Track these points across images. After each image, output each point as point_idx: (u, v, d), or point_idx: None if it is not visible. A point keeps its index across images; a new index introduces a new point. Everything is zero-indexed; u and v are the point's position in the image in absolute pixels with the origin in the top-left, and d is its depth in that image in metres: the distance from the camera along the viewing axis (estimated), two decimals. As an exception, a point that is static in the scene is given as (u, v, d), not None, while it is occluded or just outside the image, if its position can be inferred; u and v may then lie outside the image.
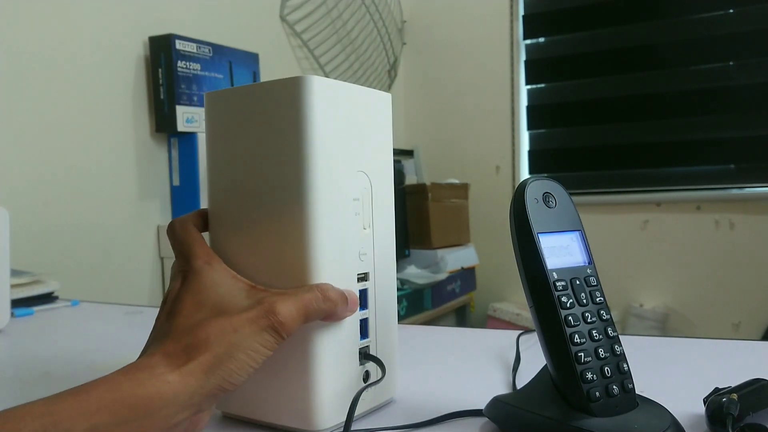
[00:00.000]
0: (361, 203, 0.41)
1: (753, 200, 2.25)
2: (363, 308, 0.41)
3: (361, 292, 0.41)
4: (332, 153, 0.39)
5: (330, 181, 0.38)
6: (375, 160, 0.42)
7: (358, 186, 0.41)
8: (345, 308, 0.39)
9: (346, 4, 2.39)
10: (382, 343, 0.43)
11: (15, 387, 0.55)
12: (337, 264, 0.39)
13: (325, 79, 0.39)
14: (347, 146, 0.40)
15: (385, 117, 0.44)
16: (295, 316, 0.36)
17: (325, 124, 0.38)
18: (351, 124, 0.40)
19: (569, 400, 0.36)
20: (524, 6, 2.64)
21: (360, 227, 0.41)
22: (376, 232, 0.42)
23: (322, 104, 0.38)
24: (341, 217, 0.39)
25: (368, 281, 0.42)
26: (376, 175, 0.42)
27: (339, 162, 0.39)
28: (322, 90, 0.38)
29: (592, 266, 0.38)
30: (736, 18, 2.27)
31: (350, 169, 0.40)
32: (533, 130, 2.66)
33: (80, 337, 0.74)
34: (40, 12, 1.36)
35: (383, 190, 0.43)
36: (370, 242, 0.42)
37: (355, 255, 0.41)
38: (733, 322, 2.26)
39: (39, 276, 1.00)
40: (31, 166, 1.35)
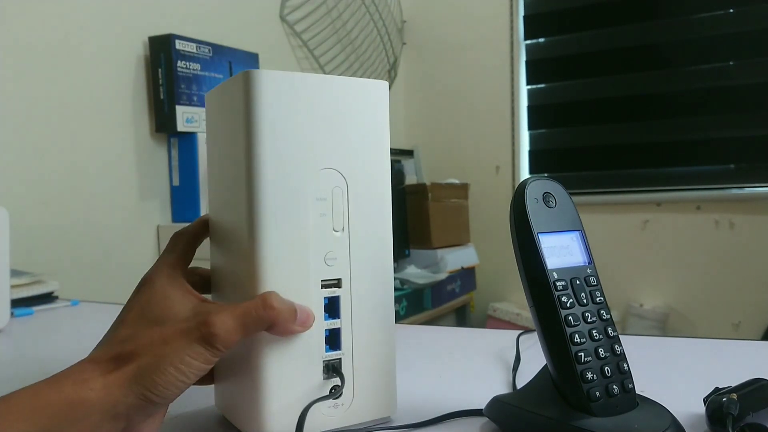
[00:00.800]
0: (329, 203, 0.38)
1: (753, 200, 2.25)
2: (333, 317, 0.38)
3: (331, 300, 0.38)
4: (285, 150, 0.36)
5: (281, 180, 0.36)
6: (355, 156, 0.39)
7: (324, 185, 0.38)
8: (291, 321, 0.36)
9: (346, 4, 2.39)
10: (364, 356, 0.39)
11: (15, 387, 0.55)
12: (290, 269, 0.36)
13: (281, 73, 0.36)
14: (310, 142, 0.37)
15: (375, 110, 0.40)
16: (231, 326, 0.34)
17: (276, 119, 0.36)
18: (317, 118, 0.37)
19: (569, 400, 0.36)
20: (524, 6, 2.63)
21: (327, 229, 0.38)
22: (354, 235, 0.39)
23: (272, 99, 0.36)
24: (297, 219, 0.37)
25: (341, 288, 0.39)
26: (355, 173, 0.39)
27: (296, 159, 0.37)
28: (272, 84, 0.36)
29: (592, 266, 0.38)
30: (736, 18, 2.27)
31: (312, 166, 0.37)
32: (533, 130, 2.66)
33: (80, 337, 0.74)
34: (40, 12, 1.36)
35: (367, 189, 0.39)
36: (343, 246, 0.38)
37: (319, 259, 0.38)
38: (733, 322, 2.26)
39: (39, 276, 1.00)
40: (31, 166, 1.35)
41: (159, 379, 0.32)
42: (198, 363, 0.33)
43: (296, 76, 0.37)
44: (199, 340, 0.33)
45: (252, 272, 0.36)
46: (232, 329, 0.34)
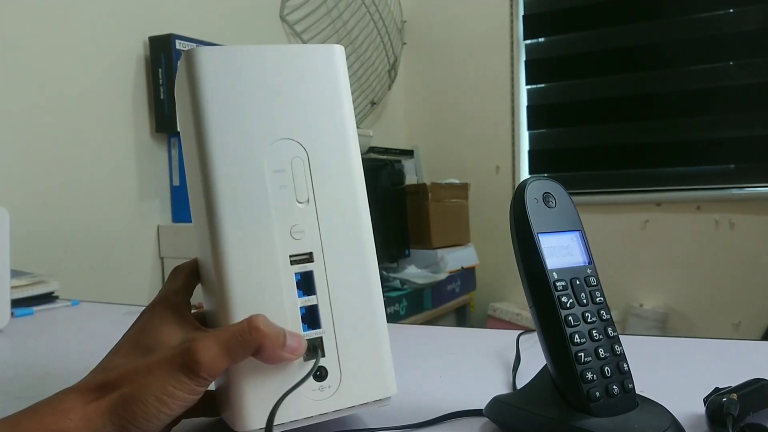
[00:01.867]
0: (289, 175, 0.36)
1: (753, 200, 2.25)
2: (308, 294, 0.36)
3: (304, 276, 0.36)
4: (234, 125, 0.35)
5: (232, 155, 0.35)
6: (314, 124, 0.37)
7: (281, 156, 0.36)
8: (279, 346, 0.33)
9: (346, 4, 2.39)
10: (347, 333, 0.37)
11: (15, 387, 0.55)
12: (254, 247, 0.35)
13: (219, 48, 0.36)
14: (258, 115, 0.36)
15: (329, 74, 0.38)
16: (215, 353, 0.32)
17: (219, 95, 0.35)
18: (263, 90, 0.36)
19: (569, 400, 0.36)
20: (524, 6, 2.63)
21: (290, 201, 0.36)
22: (321, 205, 0.37)
23: (214, 75, 0.35)
24: (254, 193, 0.35)
25: (313, 262, 0.36)
26: (316, 142, 0.37)
27: (246, 132, 0.35)
28: (213, 60, 0.35)
29: (592, 266, 0.38)
30: (736, 18, 2.27)
31: (265, 138, 0.36)
32: (533, 130, 2.66)
33: (80, 337, 0.74)
34: (40, 12, 1.36)
35: (331, 157, 0.38)
36: (310, 218, 0.37)
37: (284, 233, 0.36)
38: (733, 322, 2.26)
39: (39, 276, 1.00)
40: (31, 167, 1.35)
41: (139, 410, 0.31)
42: (182, 393, 0.32)
43: (239, 50, 0.36)
44: (182, 369, 0.32)
45: (216, 254, 0.34)
46: (216, 356, 0.32)
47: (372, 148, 2.17)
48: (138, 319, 0.37)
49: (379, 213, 2.14)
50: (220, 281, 0.35)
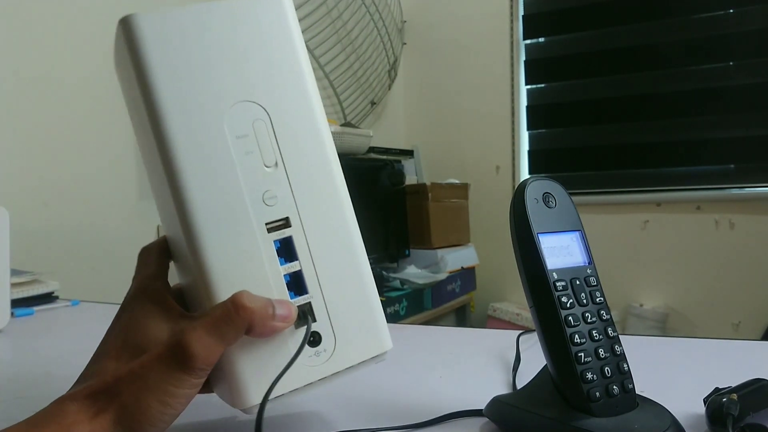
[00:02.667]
0: (254, 139, 0.34)
1: (753, 200, 2.25)
2: (291, 260, 0.35)
3: (283, 242, 0.35)
4: (184, 92, 0.33)
5: (188, 124, 0.33)
6: (270, 85, 0.35)
7: (241, 120, 0.34)
8: (269, 318, 0.32)
9: (346, 4, 2.39)
10: (335, 294, 0.36)
11: (15, 387, 0.55)
12: (226, 219, 0.33)
13: (159, 11, 0.33)
14: (210, 78, 0.34)
15: (279, 29, 0.36)
16: (208, 343, 0.31)
17: (164, 62, 0.33)
18: (215, 52, 0.34)
19: (569, 400, 0.36)
20: (524, 6, 2.63)
21: (257, 167, 0.34)
22: (292, 168, 0.35)
23: (156, 41, 0.32)
24: (218, 163, 0.33)
25: (291, 227, 0.35)
26: (275, 101, 0.35)
27: (198, 100, 0.33)
28: (152, 25, 0.32)
29: (592, 266, 0.38)
30: (736, 18, 2.27)
31: (220, 103, 0.34)
32: (533, 130, 2.66)
33: (80, 337, 0.74)
34: (40, 12, 1.36)
35: (295, 117, 0.35)
36: (281, 182, 0.35)
37: (257, 201, 0.34)
38: (733, 322, 2.26)
39: (39, 276, 1.00)
40: (32, 167, 1.35)
41: (143, 417, 0.30)
42: (183, 390, 0.31)
43: (180, 11, 0.33)
44: (177, 365, 0.31)
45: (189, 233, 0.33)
46: (209, 344, 0.31)
47: (372, 148, 2.17)
48: (120, 314, 0.36)
49: (379, 213, 2.14)
50: (196, 260, 0.33)
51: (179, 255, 0.37)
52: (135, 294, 0.36)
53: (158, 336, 0.33)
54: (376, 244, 2.12)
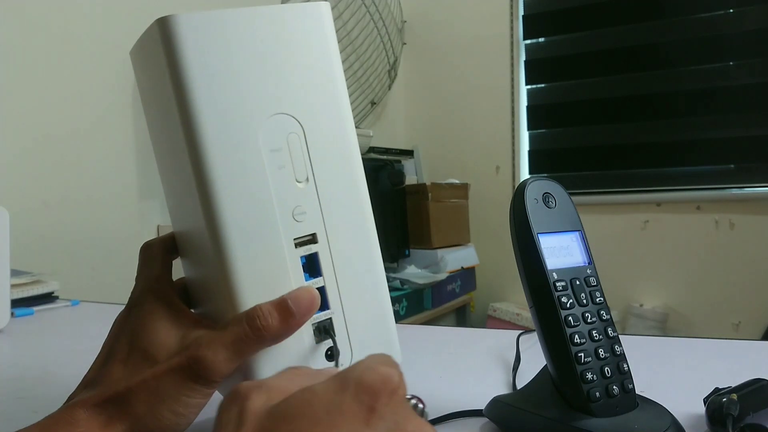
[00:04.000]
0: (286, 153, 0.34)
1: (753, 200, 2.25)
2: (315, 276, 0.35)
3: (308, 258, 0.34)
4: (223, 100, 0.32)
5: (225, 134, 0.32)
6: (307, 97, 0.34)
7: (277, 133, 0.33)
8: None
9: (346, 4, 2.39)
10: (355, 311, 0.36)
11: (15, 387, 0.55)
12: (254, 231, 0.33)
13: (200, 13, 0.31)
14: (250, 88, 0.33)
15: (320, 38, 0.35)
16: (225, 357, 0.31)
17: (204, 67, 0.31)
18: (255, 60, 0.33)
19: (569, 401, 0.36)
20: (524, 6, 2.63)
21: (289, 182, 0.34)
22: (322, 184, 0.35)
23: (196, 45, 0.31)
24: (252, 175, 0.32)
25: (317, 243, 0.35)
26: (311, 116, 0.34)
27: (237, 109, 0.32)
28: (194, 27, 0.31)
29: (592, 266, 0.38)
30: (736, 18, 2.27)
31: (259, 114, 0.33)
32: (533, 130, 2.66)
33: (80, 337, 0.74)
34: (40, 12, 1.36)
35: (327, 132, 0.35)
36: (311, 198, 0.34)
37: (287, 216, 0.33)
38: (733, 322, 2.26)
39: (39, 276, 1.00)
40: (32, 167, 1.35)
41: (156, 427, 0.30)
42: (196, 400, 0.31)
43: (221, 15, 0.32)
44: (192, 377, 0.31)
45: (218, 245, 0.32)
46: (228, 359, 0.31)
47: (372, 148, 2.17)
48: (126, 316, 0.35)
49: (379, 213, 2.13)
50: (223, 269, 0.32)
51: (195, 256, 0.36)
52: (141, 295, 0.35)
53: (167, 342, 0.33)
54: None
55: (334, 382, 0.24)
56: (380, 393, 0.24)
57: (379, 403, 0.24)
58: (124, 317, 0.35)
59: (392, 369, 0.25)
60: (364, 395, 0.24)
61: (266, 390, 0.26)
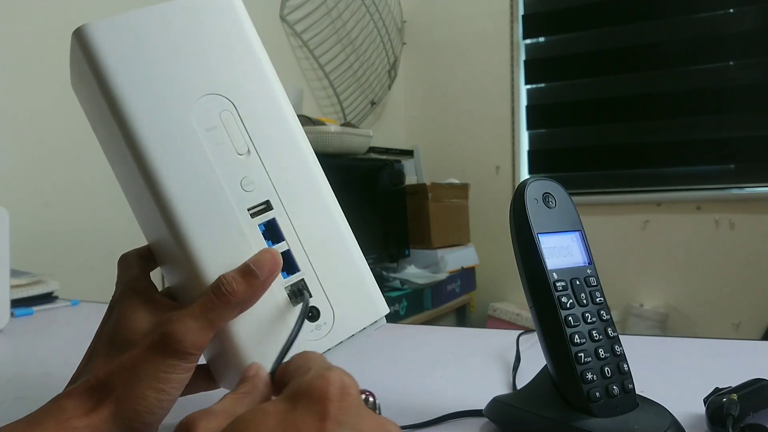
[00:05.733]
0: (222, 129, 0.35)
1: (753, 200, 2.25)
2: (278, 241, 0.36)
3: (267, 225, 0.36)
4: (147, 93, 0.33)
5: (158, 124, 0.33)
6: (233, 75, 0.36)
7: (208, 113, 0.35)
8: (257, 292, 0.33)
9: (346, 4, 2.39)
10: (327, 268, 0.37)
11: (15, 387, 0.55)
12: (206, 207, 0.34)
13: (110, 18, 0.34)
14: (172, 77, 0.34)
15: (231, 23, 0.37)
16: (196, 328, 0.32)
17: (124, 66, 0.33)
18: (172, 51, 0.35)
19: (569, 401, 0.36)
20: (524, 6, 2.63)
21: (231, 156, 0.35)
22: (264, 153, 0.36)
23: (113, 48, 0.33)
24: (192, 156, 0.34)
25: (273, 209, 0.36)
26: (237, 90, 0.36)
27: (163, 98, 0.34)
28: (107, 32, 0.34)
29: (592, 266, 0.38)
30: (736, 18, 2.27)
31: (186, 99, 0.35)
32: (533, 130, 2.66)
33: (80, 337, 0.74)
34: (40, 12, 1.36)
35: (260, 104, 0.37)
36: (256, 168, 0.36)
37: (235, 189, 0.35)
38: (733, 322, 2.26)
39: (39, 276, 1.00)
40: (31, 166, 1.35)
41: (140, 407, 0.31)
42: (175, 375, 0.32)
43: (131, 16, 0.35)
44: (167, 353, 0.31)
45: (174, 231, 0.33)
46: (199, 330, 0.32)
47: (372, 148, 2.17)
48: (108, 315, 0.36)
49: (379, 213, 2.14)
50: (184, 253, 0.34)
51: (167, 256, 0.37)
52: (121, 294, 0.36)
53: (145, 328, 0.33)
54: (376, 244, 2.12)
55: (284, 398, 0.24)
56: (330, 398, 0.24)
57: (331, 409, 0.24)
58: (105, 318, 0.37)
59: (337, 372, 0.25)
60: (314, 404, 0.24)
61: (213, 415, 0.27)
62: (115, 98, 0.33)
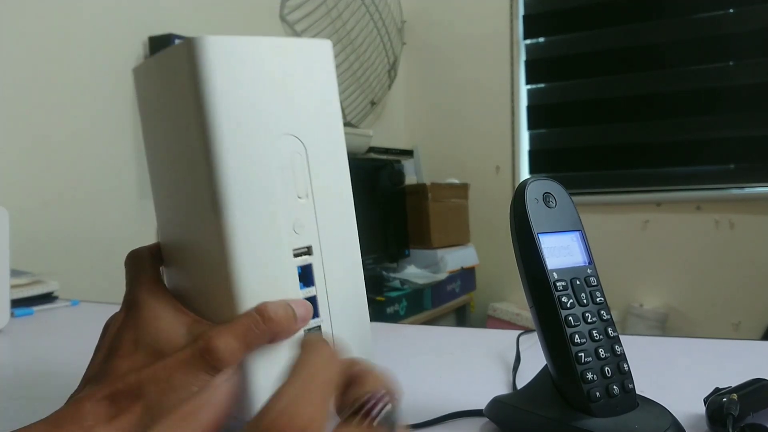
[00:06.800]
0: (291, 170, 0.37)
1: (753, 200, 2.25)
2: (308, 285, 0.37)
3: (303, 269, 0.37)
4: (241, 119, 0.35)
5: (241, 150, 0.34)
6: (310, 120, 0.38)
7: (284, 152, 0.36)
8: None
9: (346, 4, 2.39)
10: (342, 320, 0.39)
11: (15, 387, 0.55)
12: (259, 240, 0.35)
13: (226, 37, 0.34)
14: (264, 109, 0.36)
15: (322, 70, 0.39)
16: (235, 347, 0.32)
17: (228, 87, 0.34)
18: (269, 84, 0.36)
19: (569, 400, 0.36)
20: (524, 6, 2.64)
21: (291, 197, 0.37)
22: (318, 200, 0.38)
23: (223, 66, 0.34)
24: (261, 189, 0.35)
25: (312, 255, 0.37)
26: (312, 138, 0.38)
27: (252, 128, 0.35)
28: (222, 50, 0.34)
29: (592, 266, 0.38)
30: (736, 18, 2.27)
31: (271, 134, 0.36)
32: (533, 130, 2.66)
33: (80, 337, 0.74)
34: (40, 12, 1.36)
35: (325, 153, 0.38)
36: (309, 212, 0.37)
37: (287, 229, 0.36)
38: (733, 322, 2.26)
39: (39, 276, 1.00)
40: (32, 166, 1.35)
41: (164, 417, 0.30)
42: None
43: (243, 40, 0.35)
44: (204, 368, 0.31)
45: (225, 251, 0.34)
46: (237, 349, 0.32)
47: (372, 148, 2.17)
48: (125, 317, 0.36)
49: (379, 213, 2.14)
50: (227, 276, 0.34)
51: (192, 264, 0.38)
52: (140, 296, 0.36)
53: (173, 338, 0.33)
54: (376, 244, 2.12)
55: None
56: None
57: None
58: (123, 317, 0.36)
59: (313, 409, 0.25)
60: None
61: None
62: (210, 114, 0.34)
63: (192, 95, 0.34)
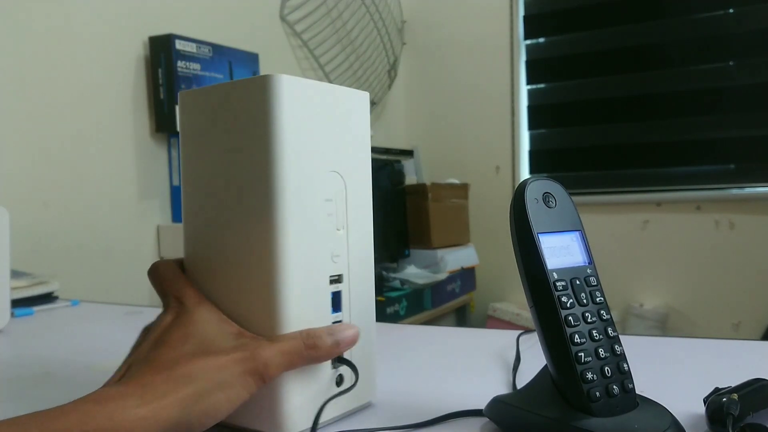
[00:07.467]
0: (334, 204, 0.41)
1: (753, 200, 2.25)
2: (337, 311, 0.41)
3: (335, 295, 0.41)
4: (302, 153, 0.38)
5: (300, 181, 0.38)
6: (349, 160, 0.42)
7: (330, 186, 0.40)
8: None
9: (346, 4, 2.39)
10: (359, 345, 0.42)
11: (15, 387, 0.55)
12: (306, 266, 0.39)
13: (296, 78, 0.38)
14: (319, 146, 0.39)
15: (361, 116, 0.43)
16: (279, 362, 0.35)
17: (295, 123, 0.38)
18: (323, 124, 0.40)
19: (569, 400, 0.36)
20: (524, 6, 2.64)
21: (332, 228, 0.41)
22: (351, 233, 0.42)
23: (292, 103, 0.37)
24: (312, 219, 0.39)
25: (342, 283, 0.41)
26: (350, 176, 0.42)
27: (310, 162, 0.39)
28: (292, 89, 0.37)
29: (592, 266, 0.38)
30: (736, 18, 2.27)
31: (322, 169, 0.40)
32: (533, 130, 2.66)
33: (80, 337, 0.74)
34: (40, 12, 1.36)
35: (359, 190, 0.43)
36: (343, 244, 0.41)
37: (327, 257, 0.40)
38: (733, 322, 2.26)
39: (39, 276, 1.00)
40: (32, 166, 1.35)
41: (209, 407, 0.33)
42: (245, 393, 0.35)
43: (308, 83, 0.39)
44: (251, 373, 0.35)
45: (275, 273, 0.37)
46: (280, 365, 0.35)
47: (372, 148, 2.17)
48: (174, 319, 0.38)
49: (379, 213, 2.13)
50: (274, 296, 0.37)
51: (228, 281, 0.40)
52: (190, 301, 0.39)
53: (221, 344, 0.36)
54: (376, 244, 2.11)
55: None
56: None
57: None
58: (171, 318, 0.38)
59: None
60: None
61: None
62: (278, 146, 0.37)
63: (263, 126, 0.37)
